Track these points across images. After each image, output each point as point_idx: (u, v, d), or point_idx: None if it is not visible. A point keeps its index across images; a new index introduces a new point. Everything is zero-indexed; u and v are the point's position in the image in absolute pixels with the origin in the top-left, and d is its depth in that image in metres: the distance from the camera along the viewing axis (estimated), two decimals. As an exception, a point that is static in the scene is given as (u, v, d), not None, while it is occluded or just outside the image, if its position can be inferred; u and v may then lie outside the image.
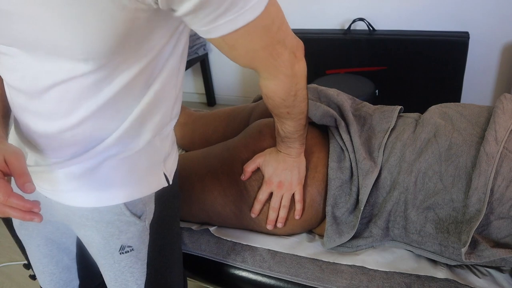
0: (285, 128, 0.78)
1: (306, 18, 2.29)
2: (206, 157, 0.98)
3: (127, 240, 0.69)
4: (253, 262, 0.91)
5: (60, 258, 0.80)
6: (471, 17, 2.00)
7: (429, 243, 0.82)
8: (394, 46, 2.07)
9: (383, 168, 0.84)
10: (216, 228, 0.99)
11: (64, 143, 0.61)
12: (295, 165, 0.85)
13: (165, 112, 0.66)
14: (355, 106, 0.99)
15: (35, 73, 0.53)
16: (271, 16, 0.55)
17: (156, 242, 0.72)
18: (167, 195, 0.72)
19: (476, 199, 0.74)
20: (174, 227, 0.78)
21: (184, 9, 0.48)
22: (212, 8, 0.48)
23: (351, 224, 0.86)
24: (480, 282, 0.80)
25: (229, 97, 2.84)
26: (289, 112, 0.73)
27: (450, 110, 0.88)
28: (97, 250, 0.71)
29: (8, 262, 1.72)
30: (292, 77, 0.66)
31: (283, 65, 0.63)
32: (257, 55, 0.59)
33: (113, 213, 0.66)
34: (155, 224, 0.71)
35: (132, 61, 0.55)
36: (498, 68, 2.10)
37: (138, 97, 0.60)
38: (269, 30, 0.56)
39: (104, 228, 0.68)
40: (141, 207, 0.68)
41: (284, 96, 0.69)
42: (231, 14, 0.50)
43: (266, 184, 0.88)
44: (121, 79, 0.55)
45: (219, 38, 0.53)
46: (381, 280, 0.82)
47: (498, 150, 0.76)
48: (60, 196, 0.67)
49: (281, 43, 0.60)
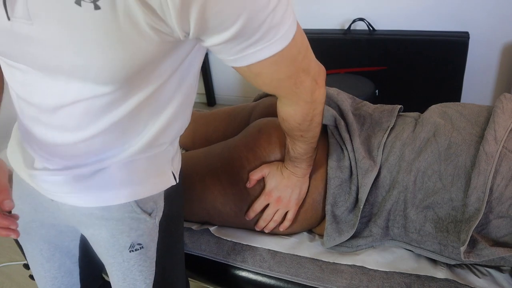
0: (296, 149, 0.80)
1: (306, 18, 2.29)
2: (207, 156, 0.98)
3: (137, 237, 0.69)
4: (253, 262, 0.91)
5: (62, 262, 0.80)
6: (471, 17, 2.00)
7: (429, 242, 0.82)
8: (394, 46, 2.06)
9: (383, 167, 0.85)
10: (216, 228, 0.99)
11: (75, 152, 0.61)
12: (298, 184, 0.86)
13: (182, 124, 0.68)
14: (355, 106, 1.00)
15: (49, 92, 0.53)
16: (297, 45, 0.55)
17: (164, 240, 0.72)
18: (174, 193, 0.73)
19: (475, 198, 0.74)
20: (180, 225, 0.79)
21: (214, 41, 0.48)
22: (244, 39, 0.47)
23: (350, 223, 0.86)
24: (480, 282, 0.80)
25: (229, 97, 2.84)
26: (302, 136, 0.75)
27: (450, 109, 0.88)
28: (105, 249, 0.70)
29: (8, 262, 1.72)
30: (311, 103, 0.66)
31: (304, 92, 0.63)
32: (282, 83, 0.60)
33: (123, 210, 0.67)
34: (164, 222, 0.71)
35: (148, 82, 0.55)
36: (498, 68, 2.10)
37: (154, 114, 0.60)
38: (295, 59, 0.56)
39: (114, 226, 0.68)
40: (151, 204, 0.69)
41: (300, 121, 0.70)
42: (261, 44, 0.49)
43: (265, 195, 0.89)
44: (137, 97, 0.55)
45: (245, 67, 0.53)
46: (381, 280, 0.82)
47: (497, 149, 0.76)
48: (68, 198, 0.66)
49: (305, 71, 0.60)
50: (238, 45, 0.48)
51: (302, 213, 0.91)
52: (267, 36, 0.48)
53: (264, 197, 0.89)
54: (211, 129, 1.17)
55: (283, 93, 0.64)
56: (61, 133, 0.58)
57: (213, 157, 0.97)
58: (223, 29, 0.45)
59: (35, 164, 0.66)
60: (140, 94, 0.55)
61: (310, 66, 0.61)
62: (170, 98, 0.61)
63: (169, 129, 0.65)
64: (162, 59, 0.52)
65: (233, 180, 0.91)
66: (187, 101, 0.66)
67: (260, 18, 0.46)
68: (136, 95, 0.55)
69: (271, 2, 0.46)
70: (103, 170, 0.63)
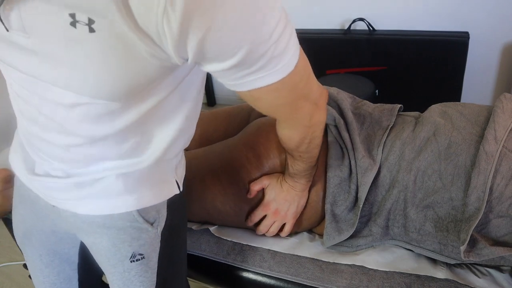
0: (295, 167, 0.81)
1: (306, 18, 2.29)
2: (207, 156, 0.98)
3: (139, 247, 0.67)
4: (253, 262, 0.91)
5: (62, 269, 0.79)
6: (471, 17, 2.00)
7: (429, 241, 0.82)
8: (394, 46, 2.06)
9: (382, 166, 0.85)
10: (216, 228, 0.99)
11: (73, 156, 0.60)
12: (296, 199, 0.87)
13: (188, 138, 0.67)
14: (355, 105, 1.00)
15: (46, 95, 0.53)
16: (299, 73, 0.54)
17: (166, 250, 0.71)
18: (177, 202, 0.71)
19: (475, 197, 0.74)
20: (182, 234, 0.78)
21: (214, 68, 0.47)
22: (244, 67, 0.47)
23: (350, 222, 0.86)
24: (480, 282, 0.80)
25: (229, 97, 2.83)
26: (301, 156, 0.75)
27: (450, 109, 0.89)
28: (106, 258, 0.69)
29: (8, 262, 1.72)
30: (310, 128, 0.66)
31: (303, 117, 0.63)
32: (281, 109, 0.60)
33: (125, 219, 0.65)
34: (166, 231, 0.70)
35: (147, 98, 0.54)
36: (498, 68, 2.10)
37: (158, 126, 0.60)
38: (296, 87, 0.55)
39: (115, 235, 0.66)
40: (154, 214, 0.67)
41: (298, 144, 0.70)
42: (262, 73, 0.48)
43: (264, 206, 0.90)
44: (136, 110, 0.55)
45: (246, 91, 0.52)
46: (381, 280, 0.82)
47: (497, 149, 0.76)
48: (70, 204, 0.66)
49: (305, 97, 0.59)
50: (238, 73, 0.48)
51: (302, 213, 0.91)
52: (268, 65, 0.47)
53: (262, 207, 0.90)
54: (212, 128, 1.17)
55: (282, 117, 0.64)
56: (58, 135, 0.57)
57: (212, 156, 0.97)
58: (223, 59, 0.45)
59: (36, 169, 0.66)
60: (140, 107, 0.54)
61: (311, 92, 0.60)
62: (173, 113, 0.60)
63: (175, 144, 0.64)
64: (160, 79, 0.51)
65: (233, 180, 0.92)
66: (192, 115, 0.64)
67: (262, 49, 0.45)
68: (136, 108, 0.54)
69: (274, 33, 0.44)
70: (105, 179, 0.62)
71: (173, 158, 0.67)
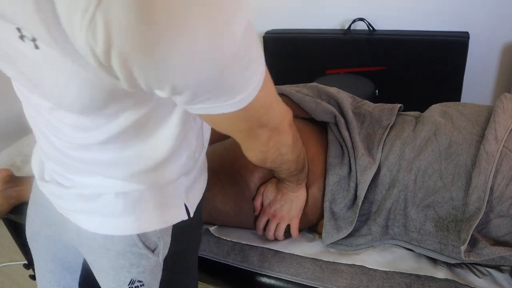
0: (277, 174, 0.80)
1: (306, 18, 2.29)
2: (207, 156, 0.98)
3: (138, 274, 0.64)
4: (253, 262, 0.91)
5: (63, 276, 0.78)
6: (471, 17, 2.00)
7: (429, 241, 0.82)
8: (394, 46, 2.06)
9: (382, 165, 0.85)
10: (216, 228, 0.99)
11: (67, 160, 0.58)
12: (291, 197, 0.87)
13: (189, 155, 0.62)
14: (355, 104, 1.00)
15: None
16: (257, 105, 0.47)
17: (168, 279, 0.67)
18: (187, 228, 0.67)
19: (475, 197, 0.74)
20: (190, 261, 0.74)
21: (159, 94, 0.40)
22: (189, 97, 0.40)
23: (349, 220, 0.86)
24: (480, 282, 0.80)
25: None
26: (274, 170, 0.74)
27: (450, 109, 0.89)
28: (106, 280, 0.67)
29: (8, 262, 1.72)
30: (267, 151, 0.61)
31: (258, 143, 0.58)
32: (236, 135, 0.56)
33: (125, 243, 0.62)
34: (170, 259, 0.65)
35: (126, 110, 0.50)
36: (498, 68, 2.10)
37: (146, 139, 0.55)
38: (252, 117, 0.50)
39: (114, 259, 0.63)
40: (154, 240, 0.63)
41: (260, 163, 0.65)
42: (213, 103, 0.42)
43: (263, 212, 0.91)
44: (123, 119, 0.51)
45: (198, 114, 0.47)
46: (381, 280, 0.82)
47: (498, 148, 0.76)
48: (74, 217, 0.64)
49: (263, 126, 0.54)
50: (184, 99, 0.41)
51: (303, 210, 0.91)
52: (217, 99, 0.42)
53: (262, 213, 0.91)
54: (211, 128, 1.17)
55: (238, 140, 0.58)
56: (52, 137, 0.57)
57: (213, 156, 0.96)
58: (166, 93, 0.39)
59: (45, 175, 0.65)
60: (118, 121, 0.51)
61: (270, 120, 0.54)
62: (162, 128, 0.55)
63: (173, 163, 0.59)
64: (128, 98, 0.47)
65: (233, 180, 0.92)
66: (189, 134, 0.60)
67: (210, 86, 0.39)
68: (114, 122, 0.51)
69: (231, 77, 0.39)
70: (105, 195, 0.60)
71: (178, 179, 0.63)
